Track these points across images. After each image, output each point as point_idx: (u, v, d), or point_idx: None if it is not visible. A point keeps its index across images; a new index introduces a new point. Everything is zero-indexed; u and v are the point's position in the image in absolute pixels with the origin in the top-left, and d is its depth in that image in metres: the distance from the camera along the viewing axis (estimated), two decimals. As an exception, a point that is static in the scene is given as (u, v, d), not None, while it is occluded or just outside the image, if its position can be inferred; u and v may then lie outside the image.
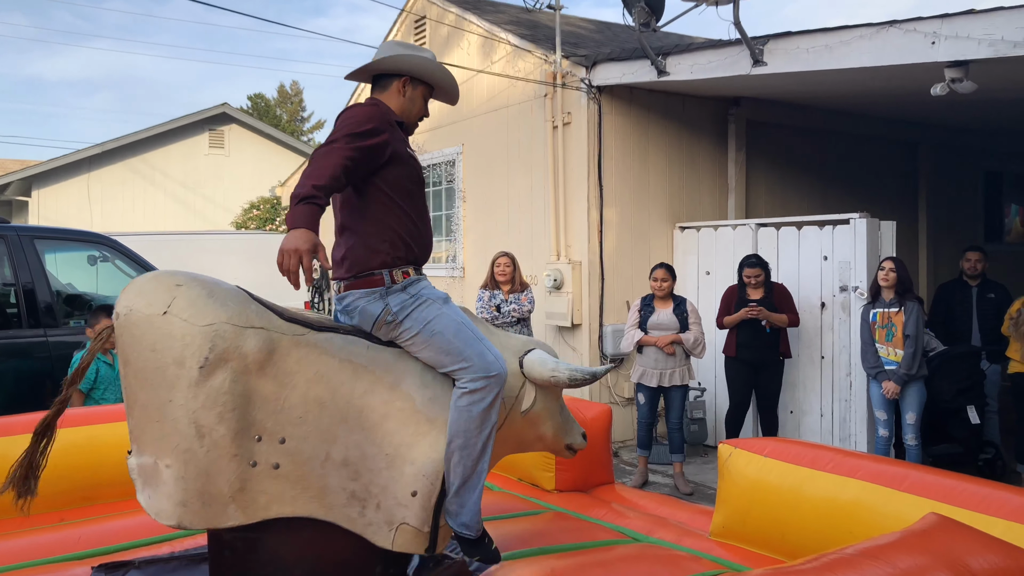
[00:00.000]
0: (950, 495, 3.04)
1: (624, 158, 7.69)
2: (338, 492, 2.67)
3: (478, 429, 2.72)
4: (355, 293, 2.81)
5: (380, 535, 2.69)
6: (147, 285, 2.59)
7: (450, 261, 9.56)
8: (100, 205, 16.70)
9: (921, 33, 5.15)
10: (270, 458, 2.59)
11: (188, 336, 2.49)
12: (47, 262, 5.66)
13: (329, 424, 2.66)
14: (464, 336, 2.79)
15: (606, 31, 10.63)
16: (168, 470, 2.50)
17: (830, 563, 2.33)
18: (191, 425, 2.49)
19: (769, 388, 6.30)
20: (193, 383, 2.48)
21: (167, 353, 2.50)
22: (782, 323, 6.19)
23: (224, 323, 2.53)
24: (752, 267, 6.27)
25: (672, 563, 3.18)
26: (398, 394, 2.75)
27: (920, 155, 9.93)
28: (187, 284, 2.58)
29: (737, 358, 6.30)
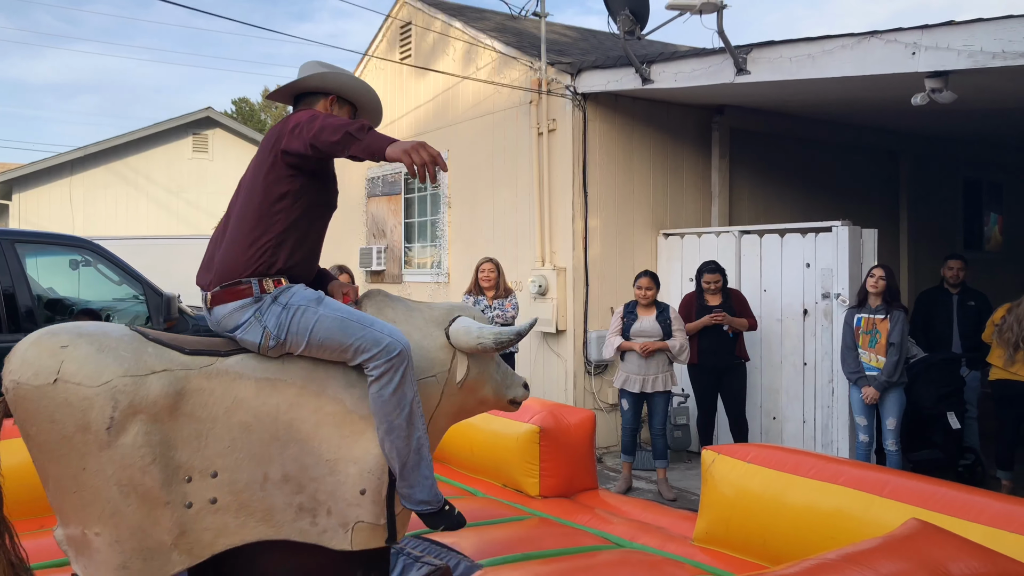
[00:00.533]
0: (930, 501, 3.08)
1: (609, 165, 7.72)
2: (285, 509, 2.65)
3: (397, 409, 2.68)
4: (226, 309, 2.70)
5: (336, 539, 2.68)
6: (29, 353, 2.44)
7: (435, 267, 9.56)
8: (82, 209, 16.57)
9: (902, 43, 5.21)
10: (205, 494, 2.54)
11: (86, 400, 2.37)
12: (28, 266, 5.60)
13: (260, 446, 2.62)
14: (350, 329, 2.70)
15: (591, 39, 10.67)
16: (98, 538, 2.40)
17: (812, 568, 2.35)
18: (112, 488, 2.39)
19: (735, 391, 6.44)
20: (104, 446, 2.38)
21: (68, 422, 2.37)
22: (743, 327, 6.36)
23: (121, 377, 2.42)
24: (712, 272, 6.42)
25: (655, 568, 3.19)
26: (325, 399, 2.71)
27: (901, 164, 10.02)
28: (72, 344, 2.45)
29: (700, 365, 6.41)
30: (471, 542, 3.43)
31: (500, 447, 4.50)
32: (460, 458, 4.77)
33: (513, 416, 4.46)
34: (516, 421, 4.42)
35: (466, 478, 4.71)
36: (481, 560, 3.24)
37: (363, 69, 10.93)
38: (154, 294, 6.00)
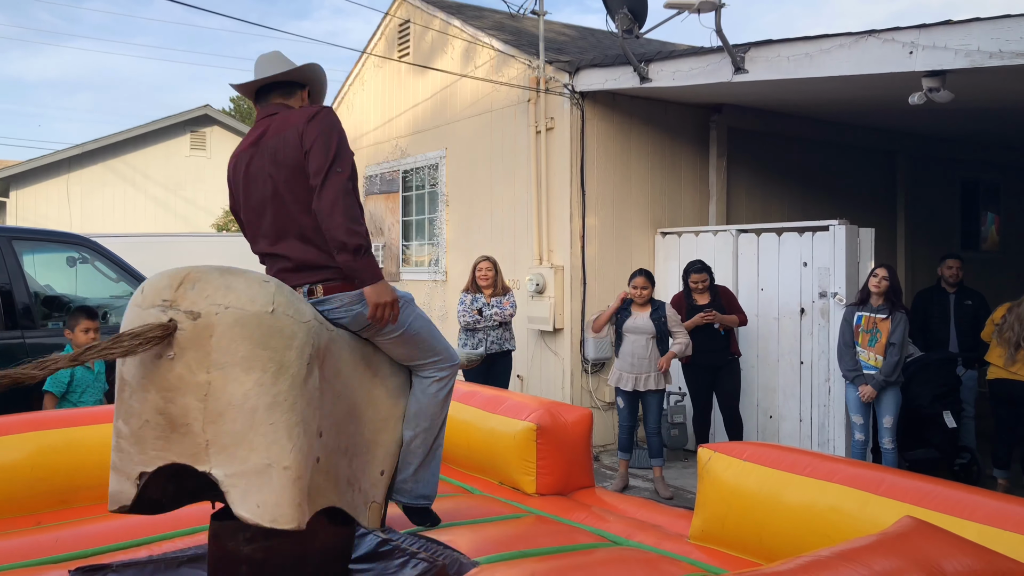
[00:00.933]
0: (925, 499, 3.08)
1: (607, 164, 7.73)
2: (343, 480, 2.76)
3: (440, 411, 3.03)
4: (342, 296, 2.82)
5: (361, 515, 2.84)
6: (235, 282, 2.45)
7: (432, 265, 9.56)
8: (80, 206, 16.55)
9: (899, 43, 5.22)
10: (319, 453, 2.56)
11: (295, 334, 2.44)
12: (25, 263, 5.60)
13: (342, 416, 2.75)
14: (436, 334, 3.08)
15: (589, 37, 10.67)
16: (286, 472, 2.38)
17: (806, 565, 2.35)
18: (300, 423, 2.42)
19: (729, 388, 6.46)
20: (302, 380, 2.44)
21: (281, 351, 2.40)
22: (733, 324, 6.39)
23: (313, 319, 2.55)
24: (699, 272, 6.44)
25: (651, 566, 3.20)
26: (377, 383, 2.93)
27: (898, 163, 10.04)
28: (273, 283, 2.54)
29: (694, 363, 6.43)
30: (467, 539, 3.43)
31: (497, 445, 4.51)
32: (457, 456, 4.77)
33: (510, 414, 4.47)
34: (513, 419, 4.43)
35: (462, 475, 4.72)
36: (477, 557, 3.24)
37: (361, 66, 10.92)
38: (151, 291, 5.99)
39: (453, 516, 3.77)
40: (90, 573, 2.95)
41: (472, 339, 6.65)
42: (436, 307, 9.33)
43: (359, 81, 11.03)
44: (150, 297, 2.49)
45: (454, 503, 4.05)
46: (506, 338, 6.75)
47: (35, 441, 3.89)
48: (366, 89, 10.88)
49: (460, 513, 3.84)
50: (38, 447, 3.87)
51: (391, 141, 10.25)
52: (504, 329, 6.73)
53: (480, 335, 6.64)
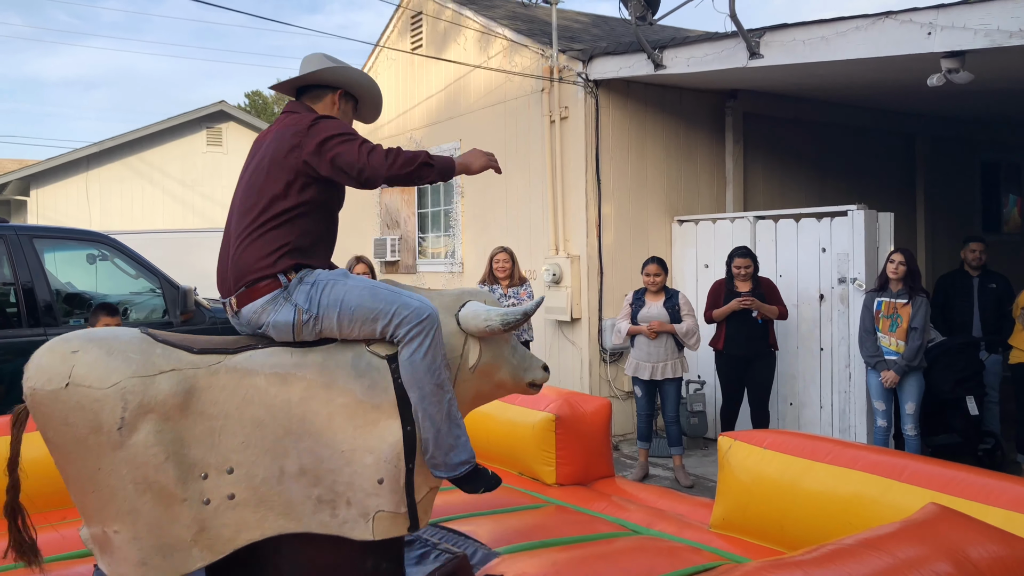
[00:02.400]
0: (949, 485, 3.06)
1: (622, 152, 7.69)
2: (304, 502, 2.66)
3: (428, 374, 2.70)
4: (254, 307, 2.72)
5: (358, 529, 2.68)
6: (43, 360, 2.52)
7: (449, 256, 9.57)
8: (99, 204, 16.68)
9: (917, 24, 5.15)
10: (222, 491, 2.57)
11: (97, 402, 2.43)
12: (46, 261, 5.65)
13: (274, 440, 2.64)
14: (381, 295, 2.74)
15: (603, 25, 10.61)
16: (117, 535, 2.46)
17: (830, 554, 2.34)
18: (128, 486, 2.45)
19: (761, 381, 6.25)
20: (116, 446, 2.44)
21: (81, 424, 2.44)
22: (773, 315, 6.15)
23: (130, 378, 2.48)
24: (743, 257, 6.22)
25: (672, 555, 3.19)
26: (336, 391, 2.71)
27: (917, 146, 9.92)
28: (83, 348, 2.51)
29: (727, 352, 6.25)
30: (488, 530, 3.45)
31: (516, 435, 4.51)
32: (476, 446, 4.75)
33: (529, 404, 4.46)
34: (532, 409, 4.43)
35: (482, 467, 4.73)
36: (498, 548, 3.25)
37: (374, 59, 10.92)
38: (170, 287, 6.04)
39: (474, 507, 3.79)
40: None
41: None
42: (453, 299, 9.33)
43: (372, 74, 11.02)
44: None
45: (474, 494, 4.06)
46: (523, 328, 6.75)
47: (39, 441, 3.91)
48: (379, 82, 10.86)
49: (481, 504, 3.85)
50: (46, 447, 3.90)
51: (406, 133, 10.25)
52: (521, 320, 6.72)
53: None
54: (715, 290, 6.38)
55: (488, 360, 2.98)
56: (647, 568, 3.02)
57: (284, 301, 2.70)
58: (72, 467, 2.48)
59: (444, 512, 3.67)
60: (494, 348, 3.00)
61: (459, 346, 2.91)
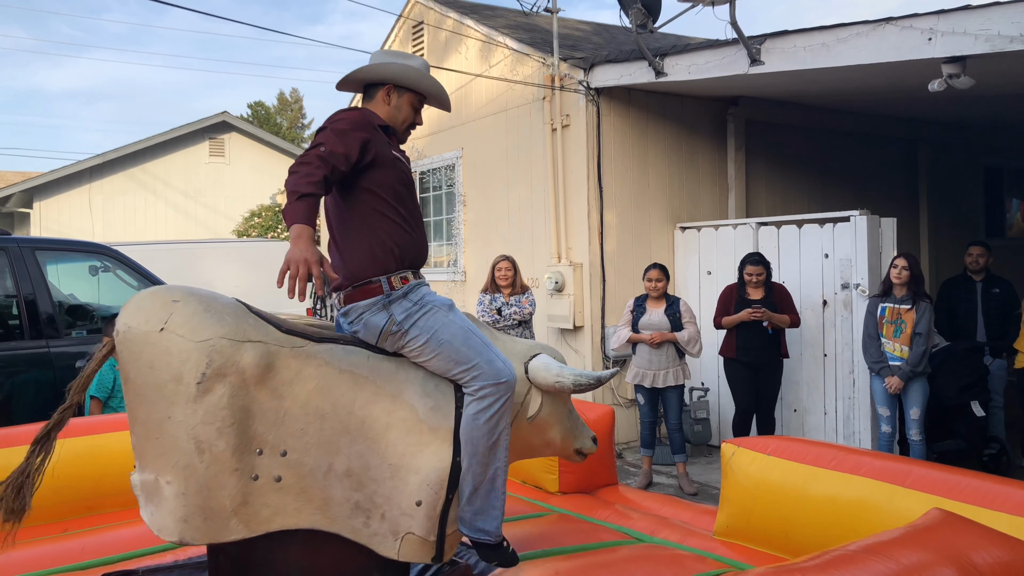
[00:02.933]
0: (954, 491, 3.04)
1: (623, 159, 7.70)
2: (342, 503, 2.66)
3: (486, 436, 2.72)
4: (358, 305, 2.77)
5: (385, 545, 2.67)
6: (144, 302, 2.58)
7: (451, 265, 9.57)
8: (102, 215, 16.72)
9: (918, 30, 5.15)
10: (272, 471, 2.58)
11: (185, 352, 2.48)
12: (48, 273, 5.66)
13: (331, 436, 2.64)
14: (473, 343, 2.76)
15: (603, 33, 10.64)
16: (169, 486, 2.49)
17: (833, 560, 2.33)
18: (190, 441, 2.48)
19: (769, 389, 6.19)
20: (191, 399, 2.48)
21: (165, 370, 2.48)
22: (784, 324, 6.09)
23: (220, 338, 2.52)
24: (755, 264, 6.16)
25: (676, 563, 3.17)
26: (400, 404, 2.72)
27: (920, 151, 9.92)
28: (184, 300, 2.56)
29: (738, 360, 6.20)
30: (491, 539, 3.43)
31: (519, 444, 4.50)
32: (479, 456, 4.77)
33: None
34: (534, 418, 4.42)
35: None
36: (501, 557, 3.23)
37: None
38: (173, 298, 6.04)
39: (476, 516, 3.77)
40: (117, 578, 2.97)
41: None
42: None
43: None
44: None
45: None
46: (526, 337, 6.74)
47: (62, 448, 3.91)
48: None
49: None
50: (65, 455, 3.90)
51: (407, 143, 10.25)
52: (524, 328, 6.72)
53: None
54: (725, 296, 6.33)
55: (546, 415, 3.05)
56: (651, 576, 3.01)
57: (381, 308, 2.76)
58: (143, 411, 2.52)
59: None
60: (555, 404, 3.07)
61: (522, 393, 2.99)
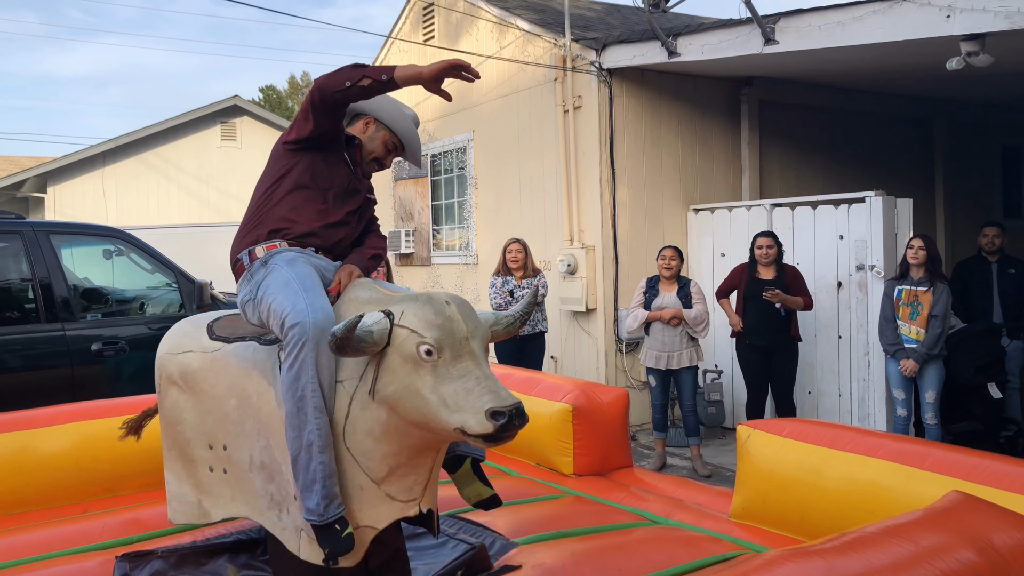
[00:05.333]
0: (972, 473, 3.02)
1: (636, 141, 7.65)
2: (262, 496, 2.66)
3: (290, 392, 2.37)
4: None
5: (292, 541, 2.52)
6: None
7: (463, 248, 9.56)
8: (115, 199, 16.77)
9: (935, 7, 5.07)
10: (220, 464, 2.81)
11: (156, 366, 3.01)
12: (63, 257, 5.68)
13: (247, 429, 2.69)
14: (290, 289, 2.44)
15: (616, 13, 10.55)
16: (166, 471, 2.98)
17: (851, 542, 2.32)
18: (166, 436, 2.97)
19: (784, 373, 6.14)
20: (160, 403, 3.00)
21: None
22: (796, 306, 6.03)
23: (165, 353, 2.98)
24: (766, 236, 6.15)
25: (692, 545, 3.18)
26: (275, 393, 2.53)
27: (936, 131, 9.81)
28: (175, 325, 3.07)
29: (748, 342, 6.18)
30: (506, 520, 3.44)
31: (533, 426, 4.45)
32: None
33: (546, 395, 4.45)
34: (549, 400, 4.42)
35: (500, 457, 4.72)
36: (516, 538, 3.25)
37: (387, 52, 10.91)
38: (186, 281, 6.06)
39: (491, 498, 3.77)
40: (136, 559, 3.00)
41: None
42: (468, 289, 9.34)
43: (385, 66, 11.00)
44: None
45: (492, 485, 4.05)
46: (538, 319, 6.73)
47: (80, 431, 3.95)
48: (392, 74, 10.85)
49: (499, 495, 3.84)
50: (83, 437, 3.94)
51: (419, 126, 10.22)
52: (536, 310, 6.71)
53: (513, 317, 6.61)
54: (737, 273, 6.30)
55: (390, 387, 2.33)
56: (666, 558, 3.01)
57: (246, 282, 2.65)
58: None
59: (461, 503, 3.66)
60: (401, 373, 2.31)
61: (359, 365, 2.42)
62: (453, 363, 2.28)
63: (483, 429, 2.21)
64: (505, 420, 2.19)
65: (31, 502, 3.77)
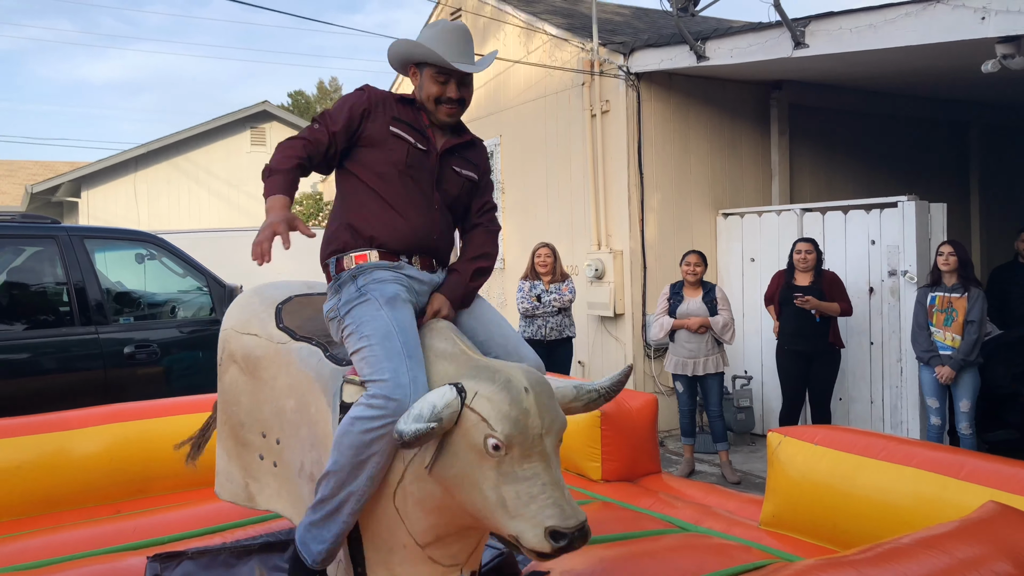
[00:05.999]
0: (1010, 483, 2.96)
1: (664, 145, 7.61)
2: (307, 503, 2.50)
3: (354, 450, 2.26)
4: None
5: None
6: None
7: (491, 253, 9.55)
8: (147, 204, 16.99)
9: (970, 8, 5.00)
10: (271, 455, 2.78)
11: (220, 339, 3.01)
12: (96, 261, 5.76)
13: (302, 435, 2.62)
14: (390, 347, 2.31)
15: (644, 17, 10.52)
16: (218, 444, 3.00)
17: (885, 553, 2.29)
18: (222, 411, 2.96)
19: (822, 380, 6.05)
20: (219, 376, 2.98)
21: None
22: (833, 312, 5.94)
23: (229, 329, 2.95)
24: (805, 242, 6.11)
25: (722, 553, 3.15)
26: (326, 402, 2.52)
27: (971, 135, 9.67)
28: (243, 294, 3.06)
29: (785, 347, 6.12)
30: (534, 526, 3.42)
31: (560, 431, 4.48)
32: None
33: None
34: (576, 405, 4.40)
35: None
36: (544, 544, 3.23)
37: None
38: (217, 285, 6.12)
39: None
40: (167, 559, 3.03)
41: (531, 326, 6.63)
42: (495, 295, 9.34)
43: (413, 71, 11.05)
44: None
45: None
46: (566, 324, 6.72)
47: (112, 433, 4.00)
48: (420, 79, 10.90)
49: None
50: (115, 439, 3.99)
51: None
52: (563, 315, 6.70)
53: (539, 322, 6.62)
54: (774, 281, 6.32)
55: (453, 472, 2.17)
56: (697, 566, 2.98)
57: (334, 293, 2.57)
58: None
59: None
60: (462, 460, 2.15)
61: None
62: (521, 462, 2.08)
63: (540, 547, 2.03)
64: (565, 543, 2.01)
65: (65, 502, 3.82)
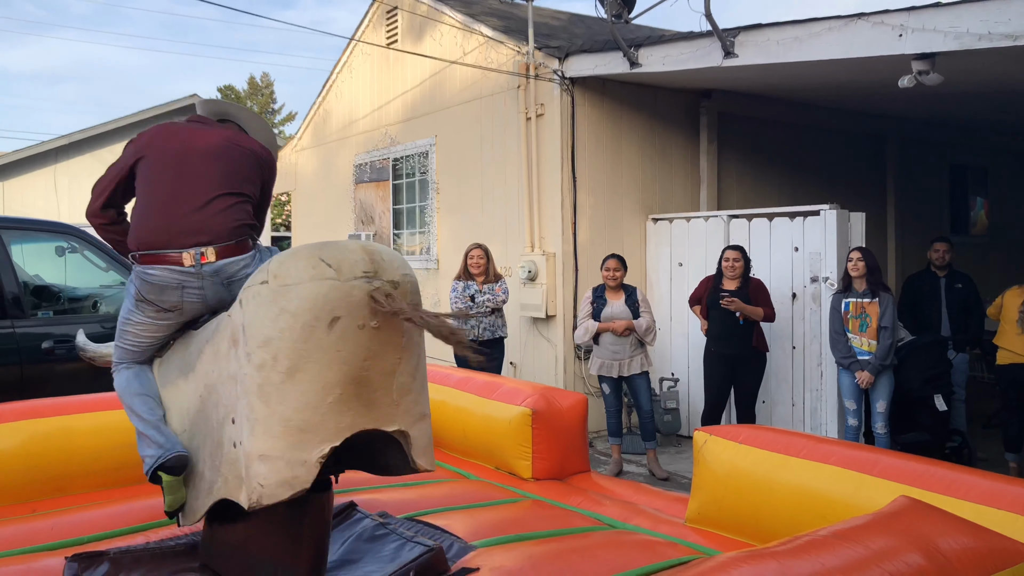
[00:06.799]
0: (920, 479, 3.10)
1: (597, 150, 7.72)
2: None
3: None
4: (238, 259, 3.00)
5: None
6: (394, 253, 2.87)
7: (424, 253, 9.54)
8: (68, 196, 16.41)
9: (889, 25, 5.22)
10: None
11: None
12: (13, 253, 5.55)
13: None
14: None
15: (580, 23, 10.64)
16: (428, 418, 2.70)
17: (804, 545, 2.37)
18: None
19: (748, 383, 6.23)
20: None
21: None
22: (756, 316, 6.12)
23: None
24: (733, 250, 6.28)
25: (648, 549, 3.21)
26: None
27: (888, 148, 10.06)
28: None
29: (714, 352, 6.27)
30: (464, 524, 3.44)
31: (493, 430, 4.51)
32: (453, 441, 4.78)
33: (506, 399, 4.47)
34: (509, 404, 4.44)
35: (459, 461, 4.73)
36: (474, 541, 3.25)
37: (349, 54, 10.86)
38: (142, 281, 5.95)
39: (449, 501, 3.78)
40: (87, 559, 2.94)
41: (464, 326, 6.65)
42: (428, 295, 9.31)
43: (347, 69, 10.96)
44: (348, 270, 2.43)
45: (450, 488, 4.06)
46: (498, 325, 6.76)
47: (29, 429, 3.86)
48: (355, 77, 10.82)
49: (456, 498, 3.85)
50: (32, 435, 3.85)
51: (380, 129, 10.20)
52: (496, 316, 6.73)
53: (472, 322, 6.64)
54: (703, 285, 6.48)
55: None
56: (623, 562, 3.03)
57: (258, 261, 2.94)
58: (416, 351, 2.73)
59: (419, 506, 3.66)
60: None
61: None
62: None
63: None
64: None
65: (-25, 502, 3.67)
